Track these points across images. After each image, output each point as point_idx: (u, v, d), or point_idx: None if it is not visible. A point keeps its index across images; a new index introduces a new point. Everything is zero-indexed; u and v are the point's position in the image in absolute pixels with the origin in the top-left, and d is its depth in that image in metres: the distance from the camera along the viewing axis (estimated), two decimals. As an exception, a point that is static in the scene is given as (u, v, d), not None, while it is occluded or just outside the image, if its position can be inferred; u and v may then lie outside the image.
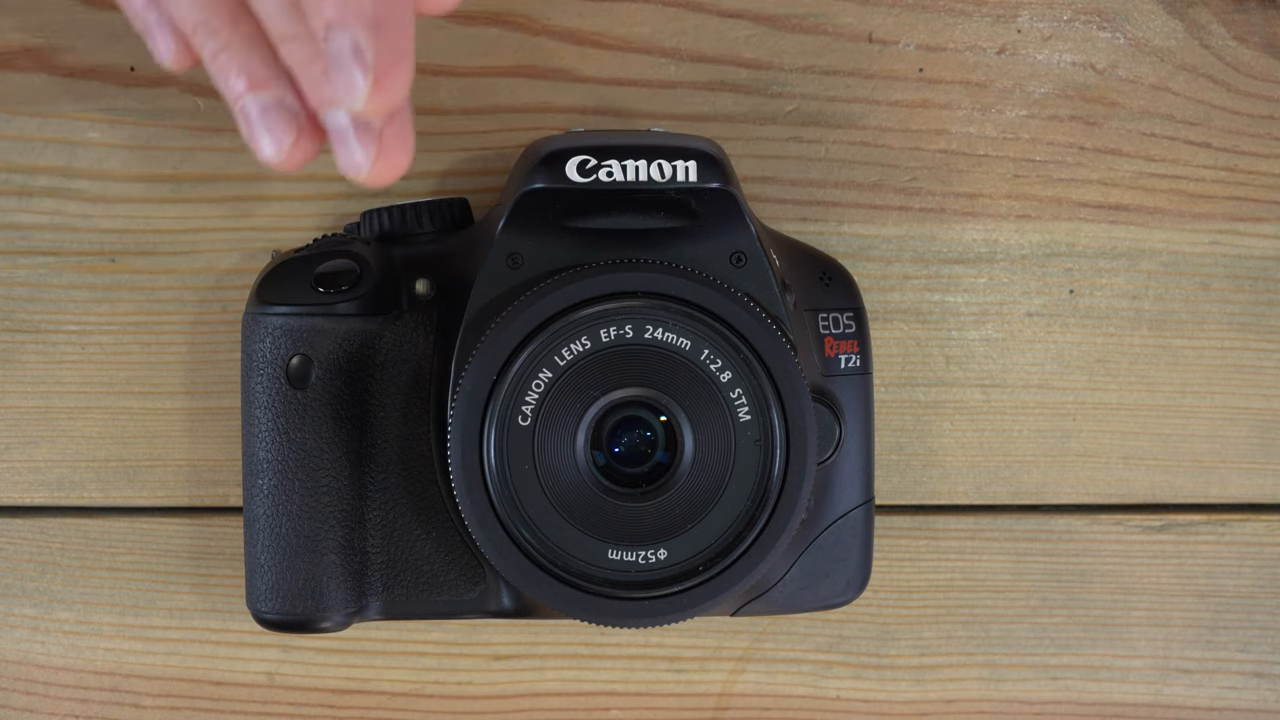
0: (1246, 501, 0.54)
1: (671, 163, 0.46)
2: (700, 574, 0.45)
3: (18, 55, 0.52)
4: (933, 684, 0.55)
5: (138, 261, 0.53)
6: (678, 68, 0.53)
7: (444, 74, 0.52)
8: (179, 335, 0.53)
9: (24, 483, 0.54)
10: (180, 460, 0.54)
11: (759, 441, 0.45)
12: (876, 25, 0.53)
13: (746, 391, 0.45)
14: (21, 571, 0.54)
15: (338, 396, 0.48)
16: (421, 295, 0.48)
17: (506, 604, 0.49)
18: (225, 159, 0.53)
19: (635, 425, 0.46)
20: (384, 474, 0.48)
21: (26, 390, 0.53)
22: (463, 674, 0.54)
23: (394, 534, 0.49)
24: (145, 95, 0.52)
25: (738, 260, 0.46)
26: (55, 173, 0.53)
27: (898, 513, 0.54)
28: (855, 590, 0.50)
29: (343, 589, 0.48)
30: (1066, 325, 0.54)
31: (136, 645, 0.54)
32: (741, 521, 0.45)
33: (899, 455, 0.54)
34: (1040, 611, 0.54)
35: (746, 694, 0.54)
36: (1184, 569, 0.54)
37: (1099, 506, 0.54)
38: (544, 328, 0.44)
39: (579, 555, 0.45)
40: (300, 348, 0.47)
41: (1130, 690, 0.55)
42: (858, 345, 0.49)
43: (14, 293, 0.53)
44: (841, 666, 0.54)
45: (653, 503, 0.45)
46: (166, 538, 0.54)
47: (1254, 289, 0.54)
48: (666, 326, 0.45)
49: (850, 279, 0.50)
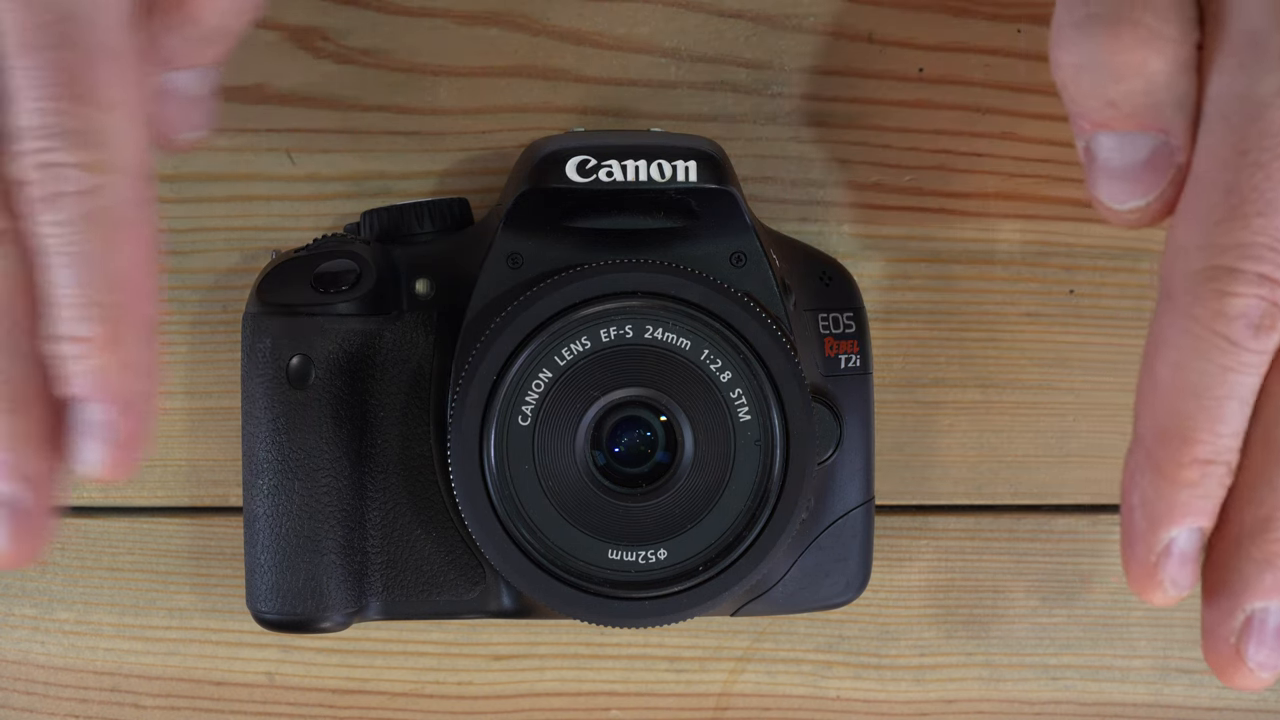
0: (1246, 501, 0.54)
1: (671, 163, 0.46)
2: (700, 574, 0.45)
3: (18, 55, 0.52)
4: (933, 684, 0.55)
5: (138, 261, 0.53)
6: (678, 68, 0.53)
7: (444, 74, 0.52)
8: (179, 335, 0.53)
9: (24, 483, 0.54)
10: (180, 460, 0.54)
11: (759, 441, 0.45)
12: (876, 25, 0.53)
13: (746, 391, 0.45)
14: (21, 571, 0.54)
15: (338, 396, 0.48)
16: (421, 295, 0.48)
17: (506, 604, 0.49)
18: (225, 159, 0.53)
19: (635, 425, 0.46)
20: (384, 474, 0.48)
21: (26, 390, 0.53)
22: (463, 674, 0.54)
23: (394, 534, 0.49)
24: (145, 95, 0.52)
25: (738, 260, 0.46)
26: (55, 173, 0.53)
27: (898, 513, 0.54)
28: (855, 590, 0.50)
29: (343, 589, 0.48)
30: (1066, 325, 0.54)
31: (136, 645, 0.54)
32: (741, 521, 0.45)
33: (899, 455, 0.54)
34: (1040, 611, 0.54)
35: (746, 694, 0.54)
36: (1184, 569, 0.54)
37: (1099, 506, 0.54)
38: (544, 328, 0.44)
39: (579, 555, 0.45)
40: (300, 348, 0.47)
41: (1130, 690, 0.55)
42: (858, 345, 0.49)
43: (14, 293, 0.53)
44: (841, 666, 0.54)
45: (653, 503, 0.45)
46: (166, 538, 0.54)
47: (1254, 289, 0.54)
48: (666, 326, 0.45)
49: (850, 279, 0.50)
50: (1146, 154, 0.40)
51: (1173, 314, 0.38)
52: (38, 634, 0.54)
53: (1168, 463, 0.38)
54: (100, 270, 0.36)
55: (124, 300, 0.37)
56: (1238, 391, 0.37)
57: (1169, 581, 0.39)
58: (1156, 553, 0.39)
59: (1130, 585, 0.40)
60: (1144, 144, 0.40)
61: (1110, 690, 0.55)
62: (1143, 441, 0.38)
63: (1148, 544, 0.39)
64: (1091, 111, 0.40)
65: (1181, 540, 0.38)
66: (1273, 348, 0.37)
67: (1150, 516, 0.38)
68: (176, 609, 0.54)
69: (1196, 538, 0.39)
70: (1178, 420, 0.38)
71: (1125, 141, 0.40)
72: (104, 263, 0.37)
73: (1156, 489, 0.38)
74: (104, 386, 0.37)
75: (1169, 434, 0.38)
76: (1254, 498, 0.38)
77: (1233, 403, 0.37)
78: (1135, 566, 0.39)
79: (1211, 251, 0.37)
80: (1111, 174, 0.41)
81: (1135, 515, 0.39)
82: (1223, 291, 0.37)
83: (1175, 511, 0.38)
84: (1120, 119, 0.40)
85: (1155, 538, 0.38)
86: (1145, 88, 0.39)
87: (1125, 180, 0.40)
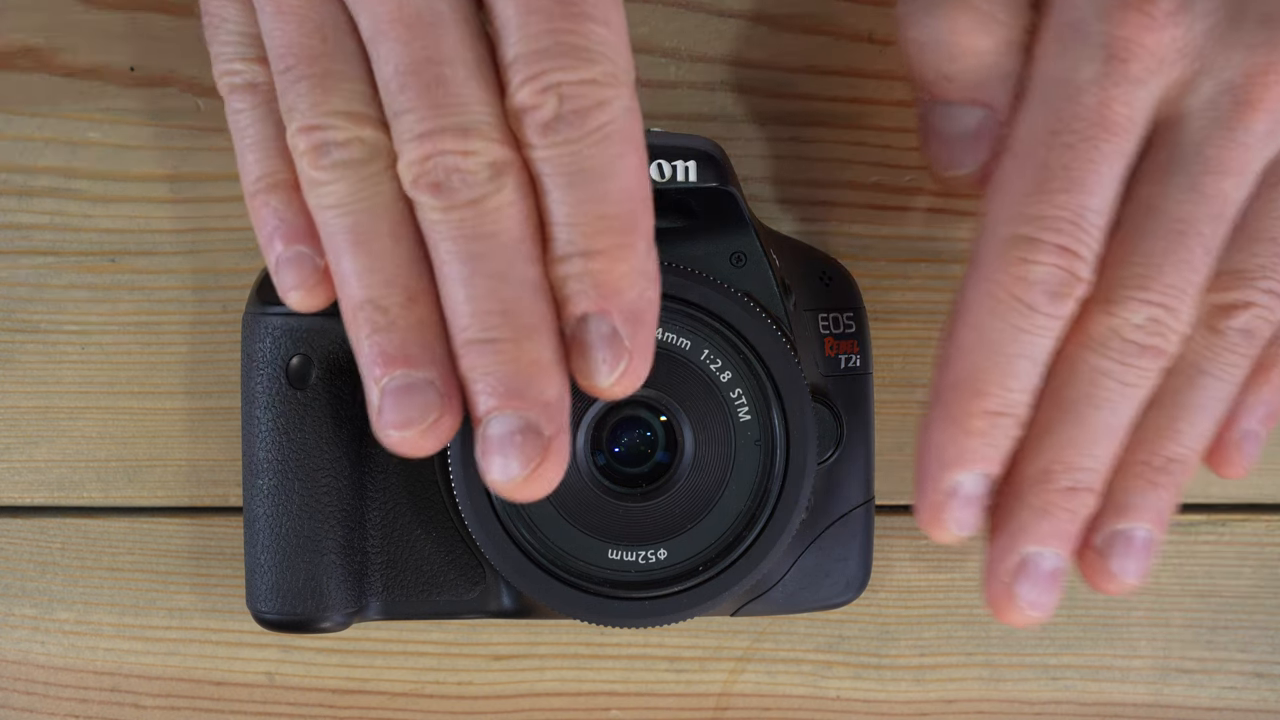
0: (1246, 501, 0.54)
1: (671, 163, 0.46)
2: (700, 574, 0.45)
3: (18, 55, 0.52)
4: (933, 684, 0.55)
5: (138, 261, 0.53)
6: (678, 68, 0.53)
7: (444, 74, 0.52)
8: (179, 335, 0.53)
9: (24, 483, 0.54)
10: (180, 460, 0.54)
11: (759, 441, 0.45)
12: (876, 25, 0.53)
13: (746, 391, 0.45)
14: (21, 571, 0.54)
15: (338, 396, 0.48)
16: (421, 295, 0.48)
17: (506, 604, 0.49)
18: (225, 159, 0.53)
19: (635, 425, 0.46)
20: (384, 474, 0.48)
21: (26, 390, 0.53)
22: (463, 674, 0.54)
23: (394, 534, 0.49)
24: (145, 95, 0.52)
25: (738, 260, 0.46)
26: (55, 173, 0.53)
27: (898, 513, 0.54)
28: (855, 590, 0.50)
29: (343, 589, 0.48)
30: (1066, 325, 0.54)
31: (136, 645, 0.54)
32: (741, 521, 0.45)
33: (899, 455, 0.54)
34: (1040, 611, 0.54)
35: (746, 694, 0.54)
36: (1184, 569, 0.54)
37: (1099, 506, 0.54)
38: (544, 328, 0.44)
39: (579, 555, 0.45)
40: (300, 348, 0.47)
41: (1130, 690, 0.55)
42: (858, 345, 0.49)
43: (14, 293, 0.53)
44: (841, 666, 0.54)
45: (653, 503, 0.45)
46: (166, 538, 0.54)
47: (1254, 289, 0.54)
48: (666, 326, 0.45)
49: (850, 279, 0.50)
50: (974, 125, 0.43)
51: (977, 278, 0.40)
52: (38, 634, 0.54)
53: (960, 412, 0.41)
54: (609, 184, 0.37)
55: (631, 210, 0.38)
56: (1030, 352, 0.40)
57: (953, 521, 0.41)
58: (943, 493, 0.41)
59: (919, 523, 0.42)
60: (972, 116, 0.43)
61: (1110, 690, 0.55)
62: (939, 393, 0.41)
63: (936, 485, 0.41)
64: (930, 84, 0.44)
65: (968, 484, 0.41)
66: (1068, 314, 0.40)
67: (940, 460, 0.41)
68: (176, 609, 0.54)
69: (983, 483, 0.41)
70: (972, 374, 0.40)
71: (955, 112, 0.43)
72: (611, 177, 0.37)
73: (948, 435, 0.41)
74: (617, 298, 0.37)
75: (963, 386, 0.40)
76: (1037, 450, 0.41)
77: (1024, 361, 0.40)
78: (924, 506, 0.42)
79: (1017, 222, 0.40)
80: (942, 141, 0.44)
81: (927, 458, 0.41)
82: (1024, 259, 0.40)
83: (964, 457, 0.41)
84: (953, 91, 0.43)
85: (943, 480, 0.41)
86: (976, 65, 0.42)
87: (953, 148, 0.44)
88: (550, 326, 0.38)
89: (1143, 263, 0.40)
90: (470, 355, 0.38)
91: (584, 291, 0.37)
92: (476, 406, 0.38)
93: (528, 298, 0.37)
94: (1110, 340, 0.40)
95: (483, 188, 0.37)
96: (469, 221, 0.37)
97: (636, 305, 0.38)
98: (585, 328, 0.38)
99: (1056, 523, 0.41)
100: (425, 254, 0.38)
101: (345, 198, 0.38)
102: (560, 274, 0.38)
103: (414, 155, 0.37)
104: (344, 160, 0.38)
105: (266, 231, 0.40)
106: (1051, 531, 0.41)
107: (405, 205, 0.38)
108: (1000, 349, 0.40)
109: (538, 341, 0.37)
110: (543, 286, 0.38)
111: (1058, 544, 0.41)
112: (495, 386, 0.37)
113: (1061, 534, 0.41)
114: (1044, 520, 0.41)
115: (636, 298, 0.38)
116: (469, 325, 0.38)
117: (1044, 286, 0.40)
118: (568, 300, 0.38)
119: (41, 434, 0.54)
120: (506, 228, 0.37)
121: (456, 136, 0.37)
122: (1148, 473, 0.42)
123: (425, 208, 0.38)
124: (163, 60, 0.52)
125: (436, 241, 0.38)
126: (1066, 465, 0.41)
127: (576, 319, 0.38)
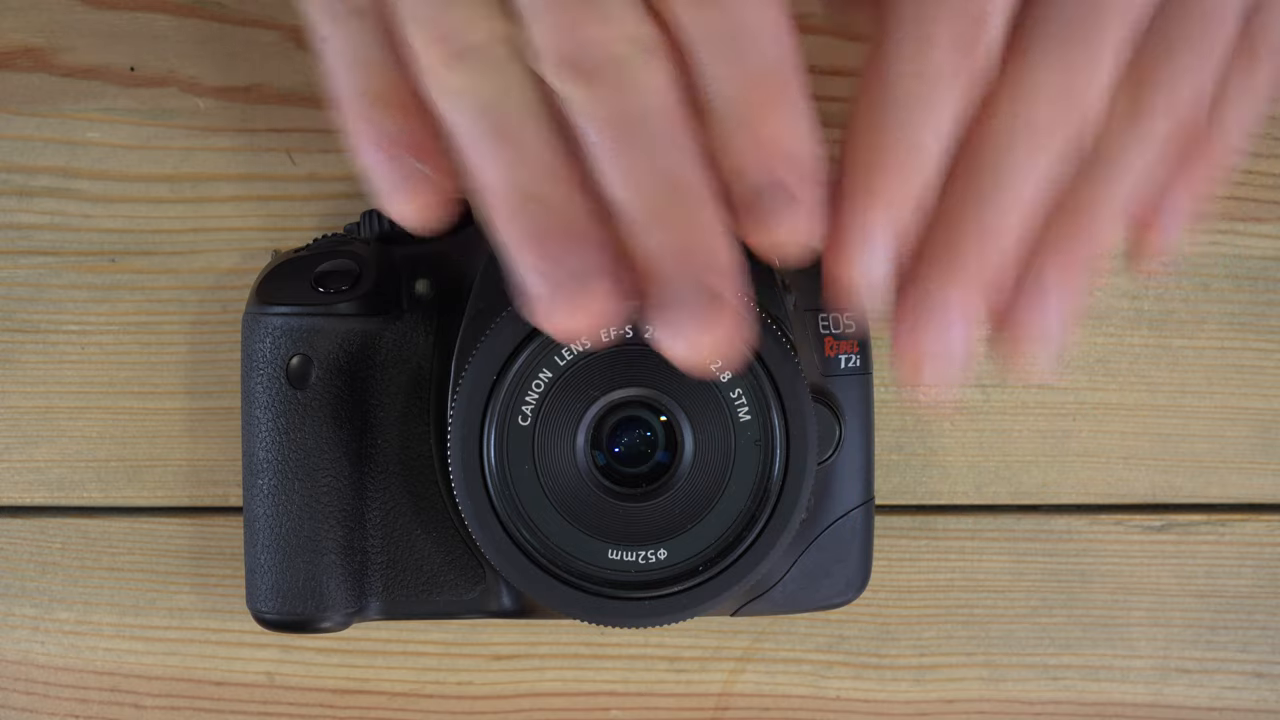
0: (1246, 501, 0.54)
1: (671, 163, 0.46)
2: (700, 574, 0.45)
3: (18, 55, 0.52)
4: (933, 684, 0.55)
5: (138, 261, 0.53)
6: (678, 68, 0.53)
7: (444, 74, 0.52)
8: (179, 335, 0.53)
9: (24, 483, 0.54)
10: (180, 460, 0.54)
11: (759, 441, 0.45)
12: (876, 25, 0.52)
13: (746, 391, 0.45)
14: (21, 571, 0.54)
15: (338, 396, 0.48)
16: (421, 295, 0.48)
17: (506, 604, 0.49)
18: (225, 159, 0.53)
19: (635, 425, 0.46)
20: (384, 474, 0.48)
21: (26, 390, 0.53)
22: (463, 674, 0.54)
23: (394, 534, 0.49)
24: (145, 95, 0.52)
25: (738, 260, 0.46)
26: (55, 173, 0.53)
27: (898, 513, 0.54)
28: (855, 590, 0.50)
29: (343, 589, 0.48)
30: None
31: (136, 645, 0.54)
32: (741, 521, 0.45)
33: (899, 455, 0.54)
34: (1040, 611, 0.54)
35: (746, 694, 0.54)
36: (1184, 569, 0.54)
37: (1099, 506, 0.54)
38: (544, 328, 0.44)
39: (579, 555, 0.45)
40: (300, 348, 0.47)
41: (1130, 690, 0.55)
42: (858, 345, 0.49)
43: (14, 293, 0.53)
44: (841, 666, 0.54)
45: (653, 503, 0.45)
46: (166, 538, 0.54)
47: (1254, 289, 0.54)
48: (666, 326, 0.44)
49: (850, 279, 0.50)
50: None
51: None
52: (38, 634, 0.54)
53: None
54: (760, 42, 0.37)
55: (786, 64, 0.37)
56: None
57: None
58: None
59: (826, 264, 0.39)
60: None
61: (1110, 690, 0.55)
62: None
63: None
64: None
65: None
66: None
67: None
68: (176, 609, 0.54)
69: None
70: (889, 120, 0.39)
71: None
72: (760, 34, 0.37)
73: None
74: (784, 155, 0.37)
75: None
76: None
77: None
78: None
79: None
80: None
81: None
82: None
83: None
84: None
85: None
86: None
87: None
88: (715, 194, 0.37)
89: None
90: (640, 232, 0.37)
91: (749, 151, 0.37)
92: (652, 281, 0.37)
93: (689, 169, 0.37)
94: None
95: (630, 66, 0.36)
96: (619, 102, 0.36)
97: (804, 160, 0.37)
98: (755, 188, 0.37)
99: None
100: (570, 142, 0.37)
101: (484, 97, 0.37)
102: (722, 139, 0.37)
103: (554, 41, 0.36)
104: (479, 60, 0.37)
105: (370, 146, 0.39)
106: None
107: (545, 95, 0.37)
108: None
109: (706, 210, 0.37)
110: (702, 156, 0.37)
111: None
112: (670, 259, 0.37)
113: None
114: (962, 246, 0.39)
115: (802, 151, 0.37)
116: (634, 203, 0.37)
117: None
118: (734, 164, 0.37)
119: (41, 434, 0.54)
120: (659, 104, 0.37)
121: (598, 18, 0.36)
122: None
123: (571, 94, 0.37)
124: (163, 60, 0.52)
125: (586, 126, 0.37)
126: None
127: (746, 181, 0.37)
